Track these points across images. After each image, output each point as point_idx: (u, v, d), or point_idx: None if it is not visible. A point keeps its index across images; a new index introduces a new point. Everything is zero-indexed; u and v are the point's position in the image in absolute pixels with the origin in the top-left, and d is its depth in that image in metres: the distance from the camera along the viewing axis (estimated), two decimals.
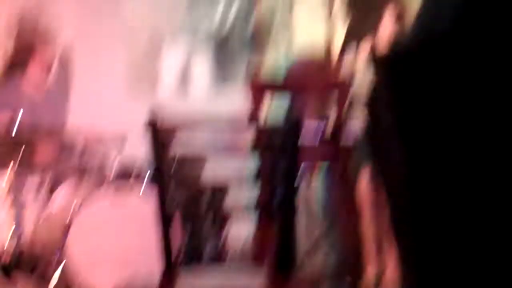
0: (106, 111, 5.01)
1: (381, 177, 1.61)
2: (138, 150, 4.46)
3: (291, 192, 2.23)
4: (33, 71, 4.61)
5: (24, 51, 4.63)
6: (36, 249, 3.83)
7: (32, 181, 3.95)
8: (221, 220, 4.63)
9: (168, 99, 4.39)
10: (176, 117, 2.22)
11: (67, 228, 3.66)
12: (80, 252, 3.65)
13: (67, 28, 5.10)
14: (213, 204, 3.65)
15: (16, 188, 3.81)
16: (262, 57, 5.22)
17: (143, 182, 3.93)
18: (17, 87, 4.62)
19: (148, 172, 4.11)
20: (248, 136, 2.71)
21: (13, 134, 3.72)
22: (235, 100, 5.14)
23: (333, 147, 3.07)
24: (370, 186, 3.94)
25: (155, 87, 5.27)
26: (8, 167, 3.96)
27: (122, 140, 4.23)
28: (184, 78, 5.28)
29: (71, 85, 4.94)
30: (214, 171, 4.54)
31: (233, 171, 2.53)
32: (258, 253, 3.00)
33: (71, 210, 3.70)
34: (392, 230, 1.51)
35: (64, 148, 4.62)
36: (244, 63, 4.82)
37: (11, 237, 3.83)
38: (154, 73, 5.27)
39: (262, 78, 2.98)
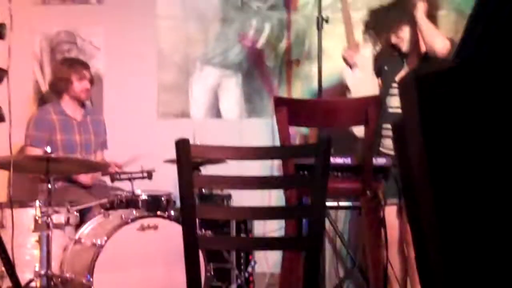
0: (136, 140, 5.05)
1: (409, 215, 1.60)
2: (167, 182, 4.50)
3: (318, 225, 2.21)
4: (71, 96, 4.72)
5: (61, 78, 4.73)
6: (65, 276, 3.85)
7: (61, 211, 3.98)
8: (246, 256, 4.63)
9: (197, 129, 4.44)
10: (205, 145, 2.22)
11: (95, 257, 3.66)
12: (106, 286, 3.65)
13: (99, 54, 5.20)
14: (237, 239, 3.62)
15: (45, 219, 3.83)
16: (290, 88, 5.24)
17: (170, 216, 3.94)
18: (56, 110, 4.71)
19: (176, 205, 4.13)
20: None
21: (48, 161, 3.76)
22: (263, 133, 5.16)
23: (360, 182, 3.05)
24: (398, 222, 3.91)
25: (184, 117, 5.31)
26: (39, 196, 4.01)
27: (151, 172, 4.26)
28: (212, 111, 5.32)
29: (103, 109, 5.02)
30: (239, 203, 4.54)
31: (259, 204, 2.52)
32: None
33: (99, 241, 3.71)
34: (419, 275, 1.49)
35: (95, 178, 4.69)
36: (271, 96, 4.84)
37: (40, 265, 3.86)
38: (184, 103, 5.32)
39: (290, 110, 2.97)
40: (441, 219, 1.32)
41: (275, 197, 4.94)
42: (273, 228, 4.78)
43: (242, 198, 4.64)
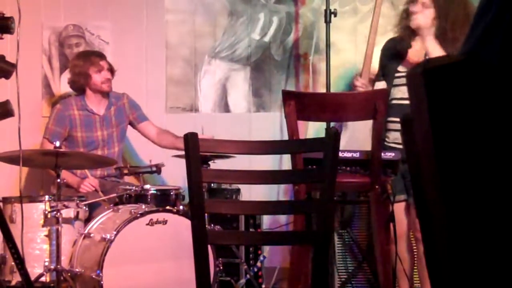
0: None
1: (418, 210, 1.60)
2: (176, 177, 4.51)
3: (327, 219, 2.20)
4: (93, 90, 4.67)
5: (79, 73, 4.67)
6: (75, 271, 3.85)
7: (71, 206, 4.00)
8: (255, 251, 4.62)
9: (206, 124, 4.44)
10: (213, 139, 2.21)
11: (104, 252, 3.66)
12: (114, 283, 3.66)
13: (108, 48, 5.19)
14: (246, 234, 3.61)
15: (55, 213, 3.85)
16: (298, 82, 5.23)
17: (179, 210, 3.94)
18: (79, 105, 4.69)
19: (185, 199, 4.14)
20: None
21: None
22: (272, 127, 5.15)
23: (369, 177, 3.04)
24: (406, 218, 3.89)
25: (192, 111, 5.30)
26: (49, 191, 4.02)
27: (160, 166, 4.25)
28: (221, 105, 5.32)
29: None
30: (248, 198, 4.54)
31: (268, 198, 2.51)
32: (293, 285, 2.97)
33: (108, 236, 3.71)
34: (428, 269, 1.49)
35: (104, 173, 4.68)
36: (280, 90, 4.82)
37: (50, 260, 3.87)
38: (192, 98, 5.32)
39: (298, 104, 2.96)
40: (449, 213, 1.32)
41: (283, 191, 4.95)
42: (282, 222, 4.78)
43: (251, 193, 4.65)
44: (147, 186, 4.10)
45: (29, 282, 3.31)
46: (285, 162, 4.90)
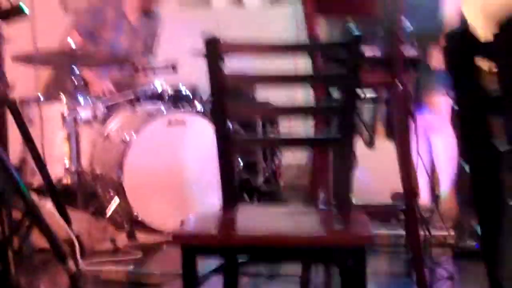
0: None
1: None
2: (191, 76, 4.46)
3: (348, 121, 2.17)
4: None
5: None
6: (96, 172, 3.89)
7: (89, 107, 3.99)
8: (273, 153, 4.61)
9: (220, 21, 4.35)
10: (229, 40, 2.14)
11: (124, 153, 3.66)
12: (135, 184, 3.67)
13: None
14: (266, 137, 3.58)
15: (73, 113, 3.85)
16: None
17: (197, 110, 3.92)
18: (115, 5, 4.58)
19: (202, 100, 4.10)
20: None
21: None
22: (287, 24, 5.06)
23: (390, 74, 2.99)
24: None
25: (205, 6, 5.19)
26: (65, 92, 4.00)
27: (175, 64, 4.20)
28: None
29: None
30: (265, 100, 4.50)
31: (286, 100, 2.46)
32: (312, 187, 2.96)
33: (128, 136, 3.71)
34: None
35: (120, 74, 4.64)
36: None
37: (70, 161, 3.89)
38: None
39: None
40: None
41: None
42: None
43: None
44: (163, 85, 4.05)
45: (51, 184, 3.35)
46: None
